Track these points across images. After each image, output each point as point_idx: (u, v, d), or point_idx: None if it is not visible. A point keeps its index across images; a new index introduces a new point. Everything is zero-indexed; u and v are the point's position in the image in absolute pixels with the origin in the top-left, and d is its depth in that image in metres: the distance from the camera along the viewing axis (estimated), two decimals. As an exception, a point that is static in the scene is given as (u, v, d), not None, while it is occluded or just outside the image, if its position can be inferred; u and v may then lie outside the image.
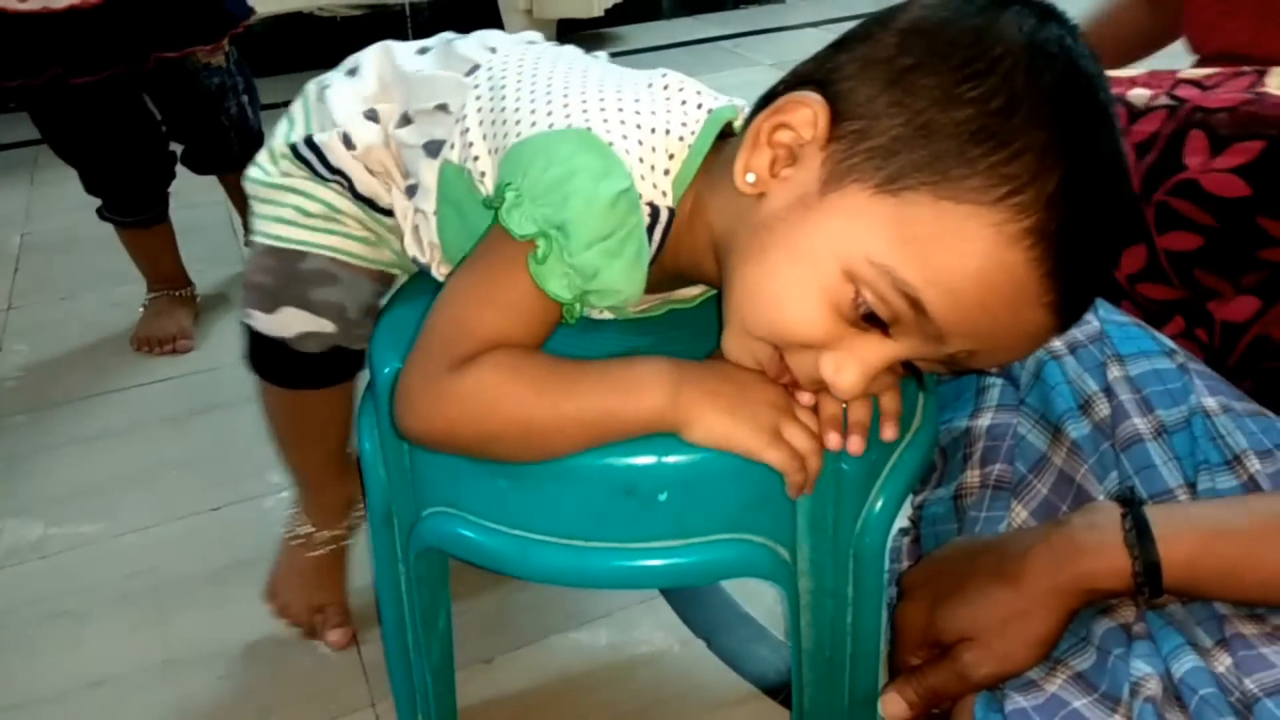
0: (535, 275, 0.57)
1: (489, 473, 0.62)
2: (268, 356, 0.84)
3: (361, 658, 1.00)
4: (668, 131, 0.61)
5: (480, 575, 1.07)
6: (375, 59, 0.79)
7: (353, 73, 0.80)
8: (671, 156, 0.61)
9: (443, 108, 0.70)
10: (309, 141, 0.76)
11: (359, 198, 0.77)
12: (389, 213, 0.77)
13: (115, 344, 1.56)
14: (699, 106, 0.64)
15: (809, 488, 0.60)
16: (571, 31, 2.99)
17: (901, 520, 0.80)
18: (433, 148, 0.69)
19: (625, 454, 0.59)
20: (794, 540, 0.65)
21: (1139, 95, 0.87)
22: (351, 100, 0.77)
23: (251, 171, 0.80)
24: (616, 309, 0.69)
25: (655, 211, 0.60)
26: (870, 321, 0.54)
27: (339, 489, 0.99)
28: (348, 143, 0.75)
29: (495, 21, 2.86)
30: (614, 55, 0.73)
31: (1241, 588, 0.61)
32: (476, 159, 0.65)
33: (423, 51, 0.79)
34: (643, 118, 0.61)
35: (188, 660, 1.01)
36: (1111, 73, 0.62)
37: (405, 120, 0.73)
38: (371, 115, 0.75)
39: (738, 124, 0.65)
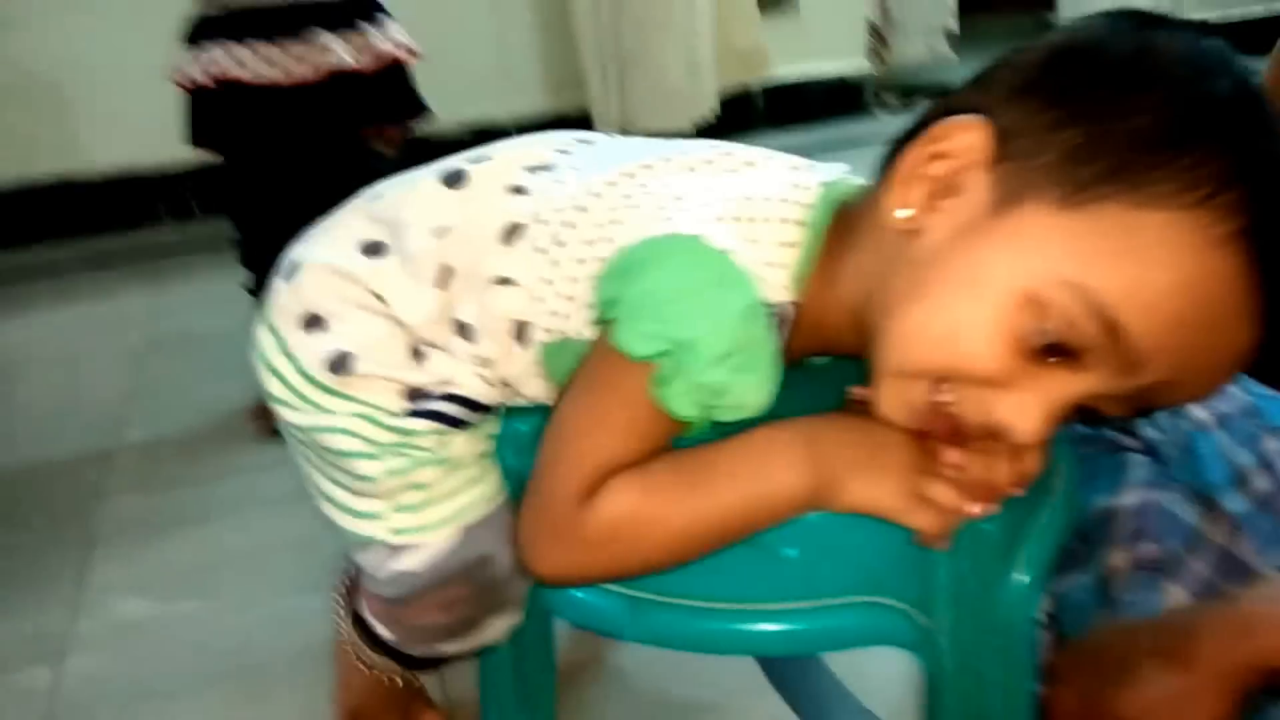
0: (658, 397, 0.53)
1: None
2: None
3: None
4: (783, 220, 0.57)
5: (578, 660, 1.04)
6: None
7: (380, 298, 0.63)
8: (791, 245, 0.57)
9: (505, 281, 0.60)
10: (451, 397, 0.63)
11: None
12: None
13: (227, 432, 1.59)
14: (804, 182, 0.59)
15: (945, 544, 0.56)
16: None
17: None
18: (517, 331, 0.61)
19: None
20: (932, 608, 0.60)
21: None
22: (397, 351, 0.63)
23: (379, 467, 0.64)
24: None
25: (783, 313, 0.56)
26: (1054, 354, 0.50)
27: None
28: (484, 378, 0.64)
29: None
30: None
31: None
32: (581, 333, 0.59)
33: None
34: (754, 207, 0.56)
35: (282, 739, 0.98)
36: None
37: (466, 331, 0.62)
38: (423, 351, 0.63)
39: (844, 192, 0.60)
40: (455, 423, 0.63)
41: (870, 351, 0.55)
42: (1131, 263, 0.48)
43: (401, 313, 0.62)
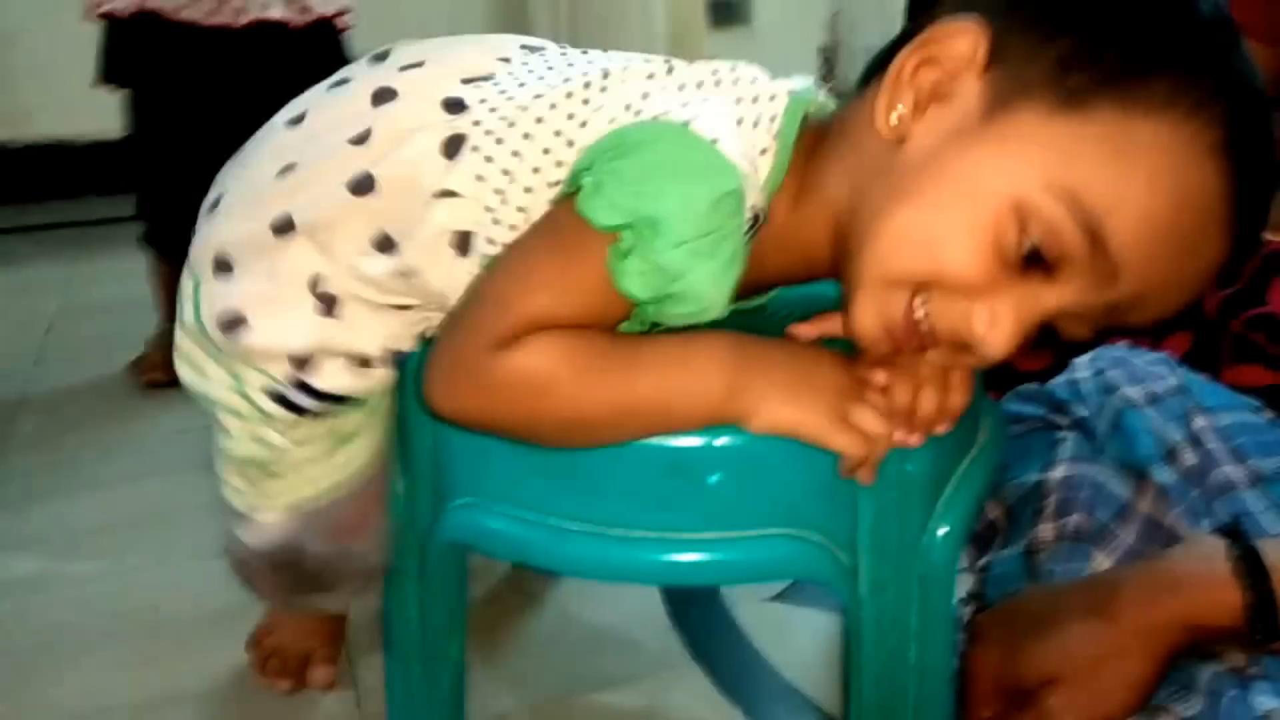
0: (613, 270, 0.51)
1: (520, 453, 0.56)
2: None
3: (360, 705, 0.92)
4: (755, 124, 0.56)
5: (502, 622, 1.02)
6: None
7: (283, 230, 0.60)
8: (763, 152, 0.55)
9: (448, 194, 0.57)
10: (303, 386, 0.62)
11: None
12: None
13: (135, 397, 1.55)
14: (772, 97, 0.57)
15: (868, 475, 0.54)
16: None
17: (962, 591, 0.73)
18: (459, 242, 0.58)
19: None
20: (855, 548, 0.58)
21: None
22: (300, 305, 0.60)
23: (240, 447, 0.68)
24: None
25: (755, 217, 0.54)
26: (1033, 263, 0.49)
27: None
28: (362, 361, 0.62)
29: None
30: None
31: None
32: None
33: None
34: (728, 110, 0.55)
35: (173, 699, 0.94)
36: None
37: (388, 243, 0.59)
38: (327, 299, 0.60)
39: (813, 108, 0.58)
40: (308, 411, 0.64)
41: (847, 265, 0.54)
42: (1118, 169, 0.48)
43: (301, 217, 0.59)
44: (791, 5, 3.19)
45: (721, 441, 0.54)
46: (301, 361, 0.61)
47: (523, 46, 0.64)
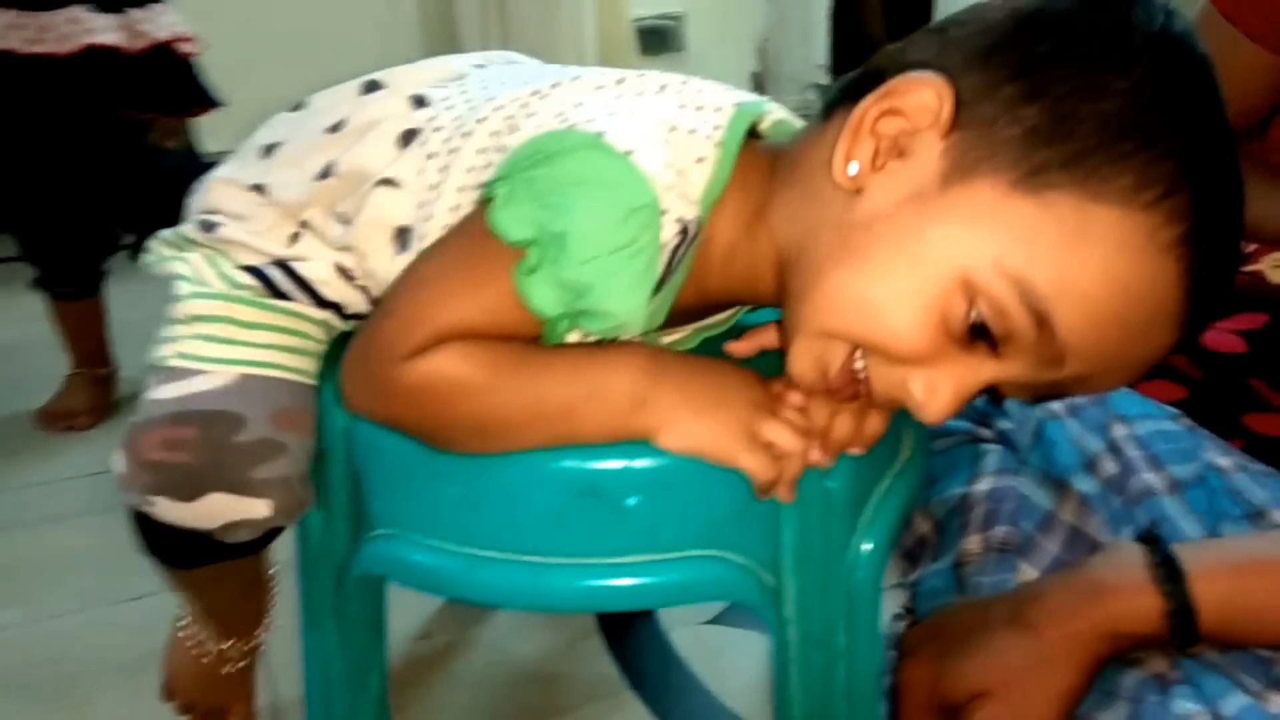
0: (519, 285, 0.50)
1: (436, 481, 0.55)
2: (171, 543, 0.68)
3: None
4: (691, 131, 0.53)
5: (432, 659, 1.00)
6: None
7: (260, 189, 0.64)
8: (700, 160, 0.53)
9: (388, 183, 0.59)
10: (283, 265, 0.63)
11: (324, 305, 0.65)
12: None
13: (49, 440, 1.52)
14: (718, 108, 0.55)
15: (786, 493, 0.53)
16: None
17: (895, 608, 0.73)
18: (398, 236, 0.59)
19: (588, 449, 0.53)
20: (779, 568, 0.57)
21: None
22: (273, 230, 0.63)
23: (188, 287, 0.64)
24: (648, 338, 0.59)
25: (684, 229, 0.52)
26: (977, 337, 0.48)
27: (254, 599, 0.84)
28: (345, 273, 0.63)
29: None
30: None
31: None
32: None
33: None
34: (662, 117, 0.53)
35: (88, 754, 0.90)
36: None
37: (344, 218, 0.61)
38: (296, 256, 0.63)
39: (765, 125, 0.58)
40: (281, 294, 0.63)
41: (789, 303, 0.53)
42: (1074, 257, 0.46)
43: (276, 194, 0.62)
44: (722, 33, 3.22)
45: (640, 463, 0.53)
46: (283, 260, 0.63)
47: (506, 60, 0.67)
